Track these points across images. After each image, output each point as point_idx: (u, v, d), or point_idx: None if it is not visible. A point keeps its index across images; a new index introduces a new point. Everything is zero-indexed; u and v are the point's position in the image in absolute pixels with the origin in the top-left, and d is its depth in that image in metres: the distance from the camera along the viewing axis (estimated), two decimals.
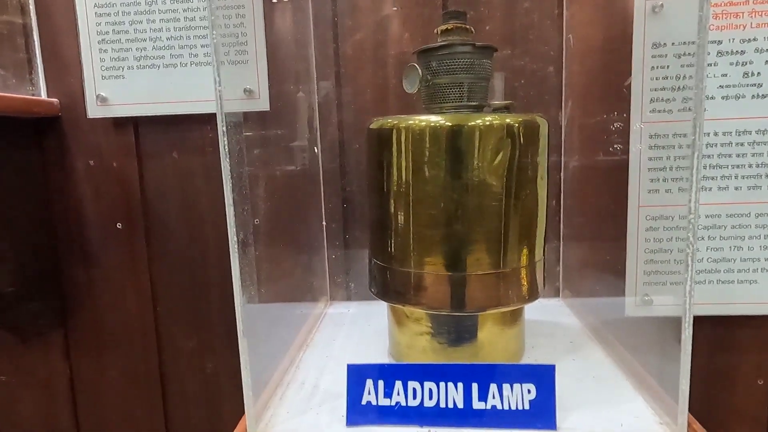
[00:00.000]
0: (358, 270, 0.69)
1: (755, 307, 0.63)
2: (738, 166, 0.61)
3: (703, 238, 0.62)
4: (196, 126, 0.67)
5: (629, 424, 0.38)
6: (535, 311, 0.62)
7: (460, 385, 0.38)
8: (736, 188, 0.61)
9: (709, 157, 0.61)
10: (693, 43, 0.60)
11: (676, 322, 0.66)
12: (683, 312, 0.36)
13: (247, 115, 0.64)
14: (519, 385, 0.37)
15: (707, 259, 0.63)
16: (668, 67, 0.60)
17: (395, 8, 0.63)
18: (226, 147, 0.36)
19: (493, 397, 0.38)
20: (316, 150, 0.66)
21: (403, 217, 0.44)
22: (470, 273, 0.44)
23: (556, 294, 0.67)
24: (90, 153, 0.68)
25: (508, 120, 0.43)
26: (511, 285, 0.45)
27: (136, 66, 0.65)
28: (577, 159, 0.64)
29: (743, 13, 0.58)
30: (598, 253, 0.65)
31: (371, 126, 0.46)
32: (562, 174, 0.65)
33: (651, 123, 0.61)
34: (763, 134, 0.60)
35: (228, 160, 0.36)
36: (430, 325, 0.46)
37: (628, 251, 0.63)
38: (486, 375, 0.38)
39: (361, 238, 0.68)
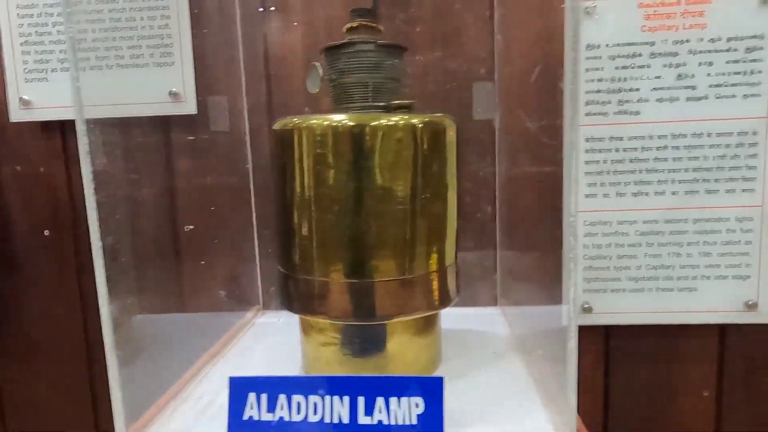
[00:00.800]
0: None
1: (696, 316, 0.61)
2: (674, 171, 0.59)
3: (640, 245, 0.60)
4: (124, 129, 0.65)
5: None
6: (468, 320, 0.60)
7: (345, 398, 0.36)
8: (674, 193, 0.59)
9: (644, 161, 0.59)
10: (628, 44, 0.59)
11: (611, 330, 0.64)
12: (567, 320, 0.34)
13: (170, 119, 0.63)
14: (407, 398, 0.35)
15: (646, 266, 0.61)
16: (603, 68, 0.58)
17: (326, 8, 0.62)
18: (87, 147, 0.34)
19: (380, 412, 0.35)
20: (247, 154, 0.65)
21: (303, 223, 0.42)
22: (374, 280, 0.42)
23: (495, 302, 0.65)
24: (16, 158, 0.66)
25: (412, 120, 0.42)
26: (418, 291, 0.43)
27: (60, 68, 0.63)
28: (512, 164, 0.63)
29: (675, 14, 0.57)
30: (537, 261, 0.64)
31: (274, 127, 0.44)
32: (497, 180, 0.63)
33: (586, 126, 0.60)
34: (699, 138, 0.58)
35: (89, 162, 0.34)
36: (335, 335, 0.44)
37: (564, 258, 0.62)
38: (373, 388, 0.36)
39: None
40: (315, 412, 0.36)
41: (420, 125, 0.42)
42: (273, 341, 0.56)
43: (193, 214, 0.65)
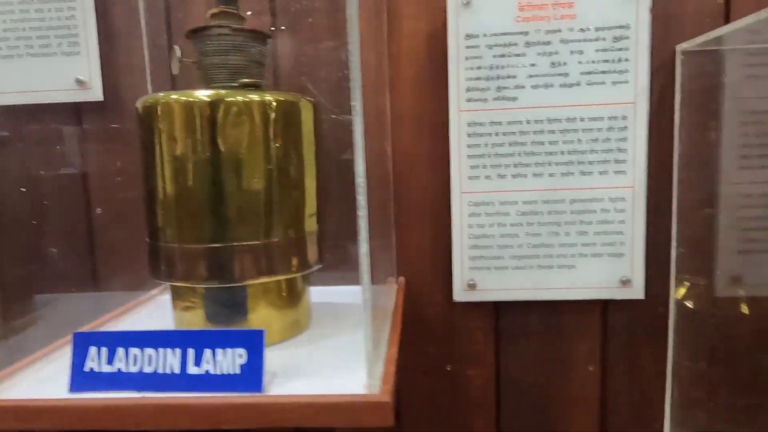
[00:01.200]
0: None
1: (575, 292, 0.64)
2: (551, 154, 0.62)
3: (521, 224, 0.64)
4: (31, 117, 0.68)
5: (334, 388, 0.38)
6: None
7: (177, 351, 0.39)
8: (551, 175, 0.63)
9: (522, 144, 0.62)
10: (504, 34, 0.62)
11: (501, 307, 0.67)
12: (361, 277, 0.37)
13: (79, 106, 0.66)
14: (231, 350, 0.38)
15: (527, 245, 0.64)
16: (482, 57, 0.62)
17: None
18: None
19: (207, 363, 0.39)
20: None
21: (161, 194, 0.46)
22: (228, 244, 0.45)
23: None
24: None
25: (260, 97, 0.45)
26: (274, 256, 0.46)
27: None
28: (406, 147, 0.66)
29: (547, 5, 0.60)
30: (429, 240, 0.67)
31: (136, 104, 0.47)
32: (391, 163, 0.66)
33: (468, 111, 0.63)
34: (573, 122, 0.62)
35: None
36: (196, 300, 0.47)
37: (453, 237, 0.65)
38: (201, 341, 0.39)
39: None
40: (149, 364, 0.39)
41: (267, 102, 0.45)
42: (160, 313, 0.59)
43: (101, 199, 0.68)
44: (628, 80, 0.61)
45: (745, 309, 0.62)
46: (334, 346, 0.47)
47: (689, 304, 0.64)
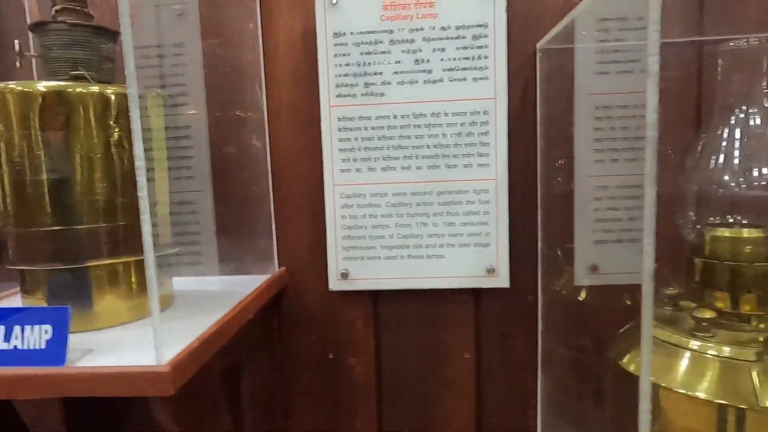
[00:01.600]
0: None
1: (444, 281, 0.67)
2: (418, 147, 0.65)
3: (391, 216, 0.66)
4: None
5: (131, 361, 0.40)
6: (236, 284, 0.65)
7: None
8: (418, 168, 0.65)
9: (391, 138, 0.65)
10: (370, 32, 0.65)
11: (379, 296, 0.69)
12: (146, 257, 0.38)
13: None
14: (39, 326, 0.41)
15: (397, 236, 0.66)
16: (349, 54, 0.64)
17: None
18: None
19: (16, 338, 0.41)
20: None
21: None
22: (61, 228, 0.47)
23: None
24: None
25: (88, 88, 0.47)
26: (113, 240, 0.48)
27: None
28: (283, 142, 0.68)
29: (409, 4, 0.63)
30: (308, 231, 0.69)
31: None
32: (269, 156, 0.68)
33: (339, 106, 0.65)
34: (438, 117, 0.64)
35: None
36: (37, 285, 0.49)
37: (327, 228, 0.67)
38: (10, 318, 0.41)
39: None
40: None
41: (86, 94, 0.47)
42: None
43: None
44: (488, 77, 0.63)
45: (582, 296, 0.64)
46: (168, 328, 0.49)
47: (563, 292, 0.67)
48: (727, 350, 0.45)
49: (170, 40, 0.67)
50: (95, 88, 0.47)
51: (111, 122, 0.48)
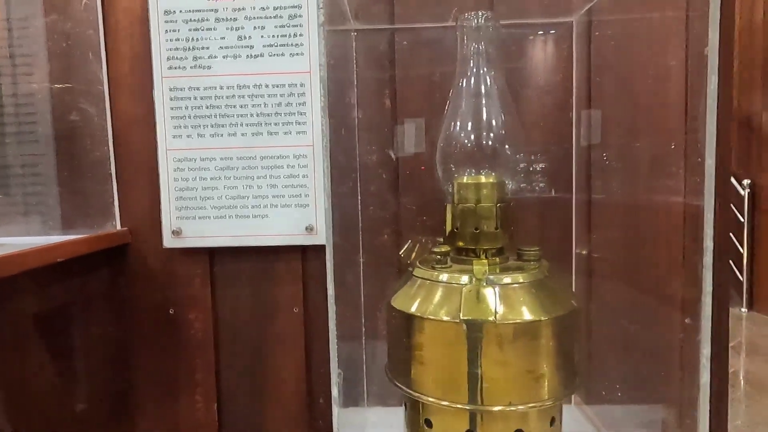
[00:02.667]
0: None
1: (270, 239, 0.73)
2: (242, 116, 0.71)
3: (220, 178, 0.72)
4: None
5: None
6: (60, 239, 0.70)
7: None
8: (243, 134, 0.72)
9: (218, 107, 0.71)
10: (197, 11, 0.71)
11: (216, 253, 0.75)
12: None
13: None
14: None
15: (226, 197, 0.72)
16: (179, 30, 0.71)
17: None
18: None
19: None
20: None
21: None
22: None
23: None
24: None
25: None
26: None
27: None
28: (123, 111, 0.74)
29: None
30: (147, 193, 0.74)
31: None
32: (109, 123, 0.74)
33: (170, 78, 0.71)
34: (260, 88, 0.71)
35: None
36: None
37: (161, 190, 0.73)
38: None
39: None
40: None
41: None
42: None
43: None
44: (303, 53, 0.70)
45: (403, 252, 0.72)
46: None
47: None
48: (445, 277, 0.53)
49: (17, 14, 0.72)
50: None
51: None
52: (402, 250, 0.74)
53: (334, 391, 0.51)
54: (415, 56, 0.73)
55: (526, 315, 0.49)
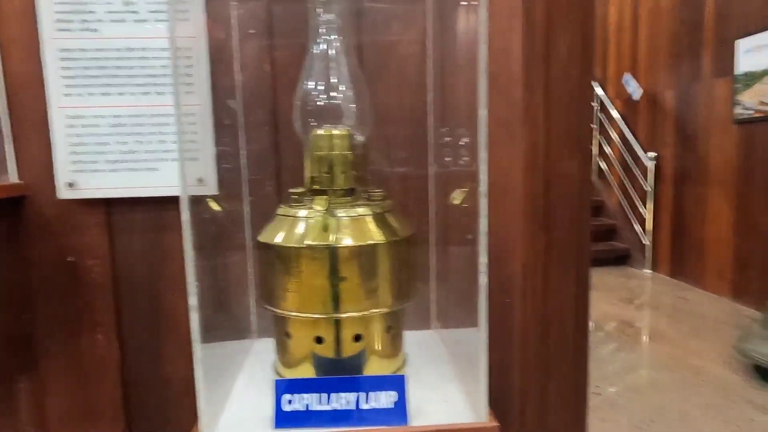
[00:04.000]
0: None
1: (161, 190, 0.80)
2: (131, 77, 0.78)
3: (111, 135, 0.78)
4: None
5: None
6: None
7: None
8: (132, 94, 0.78)
9: (107, 68, 0.77)
10: None
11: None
12: None
13: None
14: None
15: (118, 152, 0.79)
16: None
17: None
18: None
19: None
20: None
21: None
22: None
23: None
24: None
25: None
26: None
27: None
28: (16, 70, 0.78)
29: None
30: (41, 148, 0.80)
31: None
32: (2, 82, 0.78)
33: (59, 39, 0.76)
34: (146, 51, 0.77)
35: None
36: None
37: (54, 146, 0.78)
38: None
39: None
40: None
41: None
42: None
43: None
44: (189, 18, 0.77)
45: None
46: None
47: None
48: (303, 212, 0.63)
49: None
50: None
51: None
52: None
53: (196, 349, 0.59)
54: (292, 26, 0.81)
55: (362, 240, 0.61)
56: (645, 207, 4.23)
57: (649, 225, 4.20)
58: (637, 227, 4.35)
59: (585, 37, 0.94)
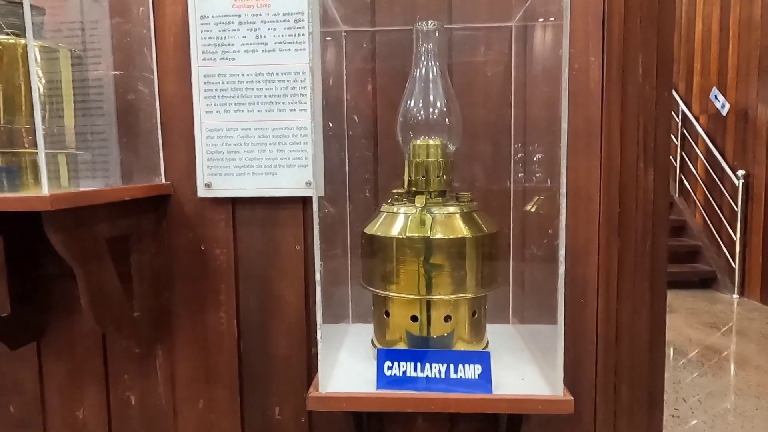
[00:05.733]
0: None
1: (279, 191, 0.95)
2: (259, 96, 0.93)
3: (240, 144, 0.94)
4: None
5: None
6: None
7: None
8: (258, 111, 0.94)
9: (240, 90, 0.93)
10: (225, 16, 0.93)
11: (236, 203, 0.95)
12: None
13: None
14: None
15: (246, 158, 0.94)
16: (211, 31, 0.93)
17: None
18: None
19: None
20: None
21: None
22: None
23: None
24: None
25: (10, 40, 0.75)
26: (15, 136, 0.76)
27: None
28: (170, 92, 0.96)
29: None
30: (186, 155, 0.97)
31: None
32: (158, 101, 0.96)
33: (204, 66, 0.94)
34: (272, 76, 0.93)
35: None
36: None
37: (197, 153, 0.95)
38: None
39: None
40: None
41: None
42: None
43: None
44: (305, 48, 0.92)
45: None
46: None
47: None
48: (402, 209, 0.74)
49: (89, 17, 0.95)
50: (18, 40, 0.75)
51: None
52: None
53: (318, 316, 0.72)
54: (391, 52, 0.94)
55: (453, 234, 0.71)
56: (732, 228, 4.01)
57: (737, 247, 3.98)
58: (724, 249, 4.13)
59: (663, 55, 1.00)
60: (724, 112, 4.11)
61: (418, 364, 0.67)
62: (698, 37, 4.54)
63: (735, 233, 4.00)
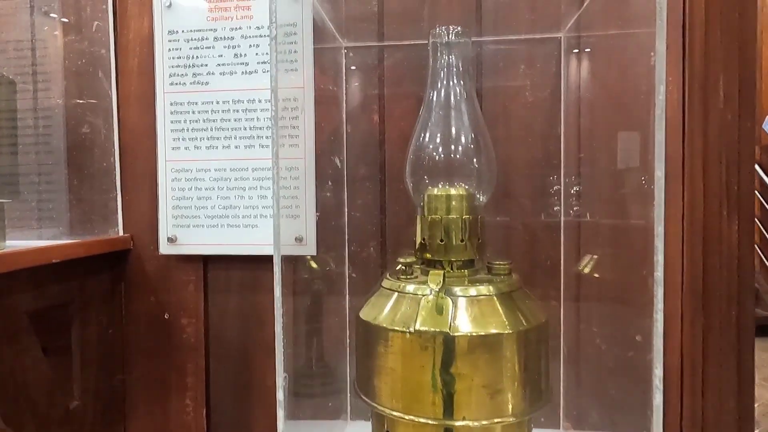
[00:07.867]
0: None
1: (259, 248, 0.75)
2: (236, 129, 0.74)
3: (213, 189, 0.75)
4: None
5: None
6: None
7: None
8: (236, 147, 0.74)
9: (214, 121, 0.75)
10: (198, 30, 0.75)
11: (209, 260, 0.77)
12: None
13: None
14: None
15: (219, 206, 0.75)
16: (181, 49, 0.75)
17: None
18: None
19: None
20: None
21: None
22: None
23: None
24: None
25: None
26: None
27: None
28: (131, 124, 0.78)
29: (230, 7, 0.74)
30: (147, 201, 0.78)
31: None
32: (116, 136, 0.78)
33: (171, 93, 0.75)
34: (253, 103, 0.74)
35: None
36: None
37: (159, 199, 0.76)
38: None
39: None
40: None
41: None
42: None
43: None
44: (297, 69, 0.73)
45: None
46: None
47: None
48: (411, 288, 0.53)
49: (38, 35, 0.79)
50: None
51: None
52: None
53: (280, 395, 0.52)
54: (404, 73, 0.74)
55: (484, 327, 0.49)
56: None
57: None
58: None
59: (745, 76, 0.77)
60: None
61: None
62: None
63: None
